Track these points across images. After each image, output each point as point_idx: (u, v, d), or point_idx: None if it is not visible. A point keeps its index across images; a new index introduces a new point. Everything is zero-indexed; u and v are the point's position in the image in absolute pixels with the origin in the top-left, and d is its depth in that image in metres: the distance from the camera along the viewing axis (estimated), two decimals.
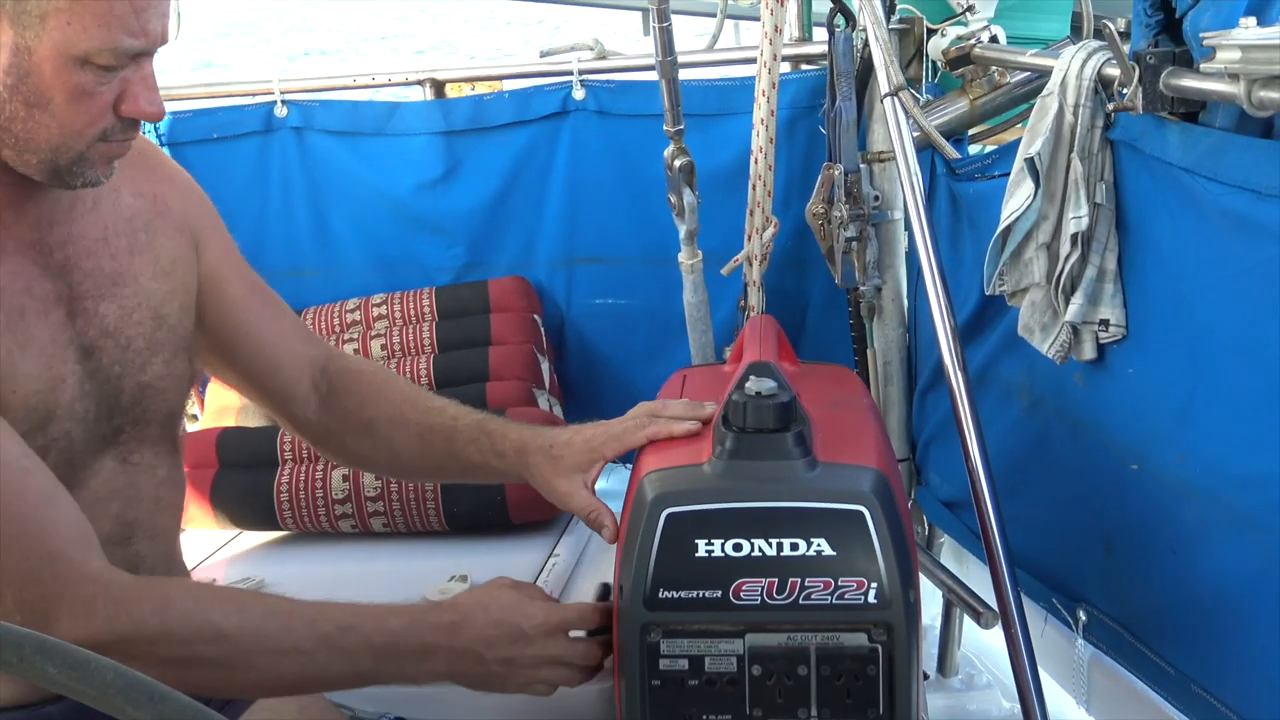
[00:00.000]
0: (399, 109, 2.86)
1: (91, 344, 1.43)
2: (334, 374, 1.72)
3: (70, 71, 1.27)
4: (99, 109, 1.31)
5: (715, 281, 2.50)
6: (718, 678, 1.30)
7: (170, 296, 1.53)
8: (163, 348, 1.51)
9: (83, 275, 1.43)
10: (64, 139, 1.31)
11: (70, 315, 1.42)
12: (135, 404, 1.48)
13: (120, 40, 1.27)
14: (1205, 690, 1.62)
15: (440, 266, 2.92)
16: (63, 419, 1.38)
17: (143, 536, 1.51)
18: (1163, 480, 1.67)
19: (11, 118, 1.29)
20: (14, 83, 1.27)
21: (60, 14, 1.24)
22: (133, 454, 1.49)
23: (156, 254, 1.52)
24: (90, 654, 0.70)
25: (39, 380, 1.36)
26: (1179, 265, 1.61)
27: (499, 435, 1.62)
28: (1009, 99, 2.29)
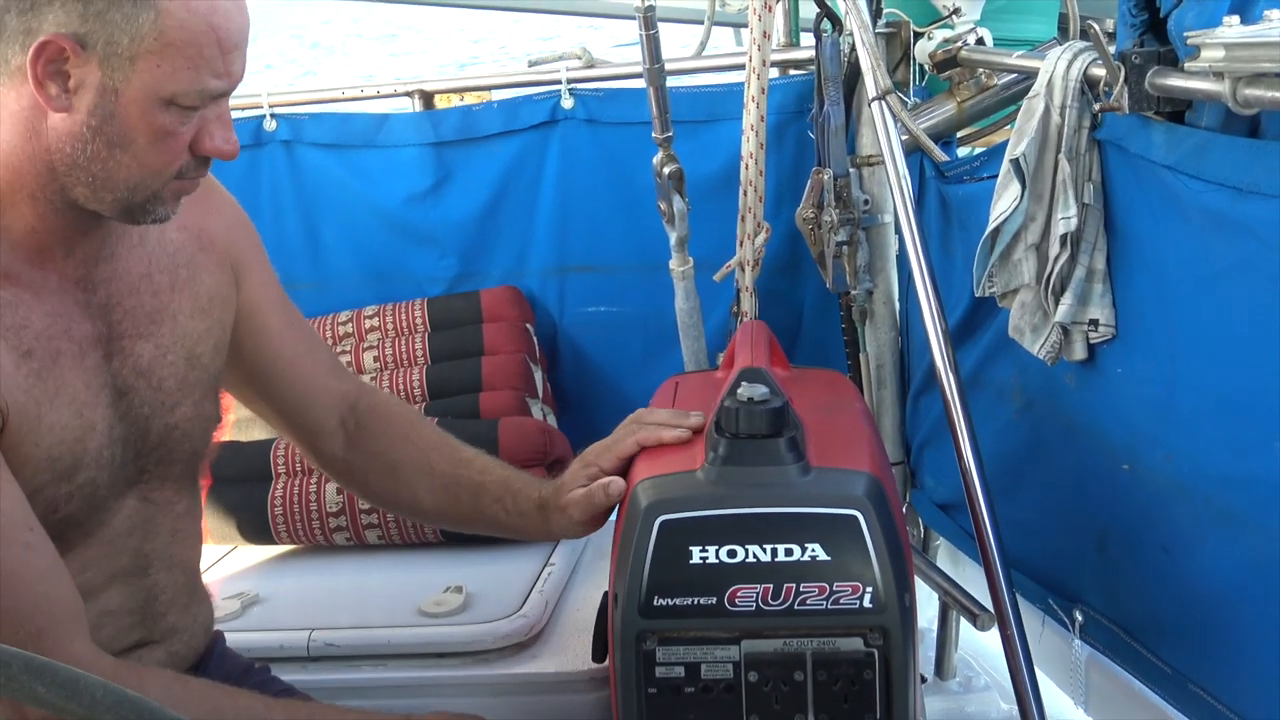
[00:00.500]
0: (388, 120, 2.86)
1: (125, 385, 1.43)
2: (363, 411, 1.73)
3: (156, 113, 1.28)
4: (179, 148, 1.32)
5: (707, 288, 2.50)
6: (714, 685, 1.30)
7: (206, 335, 1.53)
8: (193, 389, 1.51)
9: (123, 314, 1.44)
10: (143, 178, 1.32)
11: (107, 356, 1.42)
12: (161, 445, 1.48)
13: (207, 82, 1.29)
14: (1202, 689, 1.62)
15: (432, 277, 2.92)
16: (89, 466, 1.38)
17: (160, 567, 1.51)
18: (1153, 480, 1.67)
19: (93, 157, 1.29)
20: (98, 124, 1.28)
21: (151, 56, 1.25)
22: (154, 492, 1.49)
23: (196, 291, 1.52)
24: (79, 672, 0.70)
25: (67, 430, 1.36)
26: (1164, 264, 1.61)
27: (523, 495, 1.64)
28: (996, 101, 2.30)
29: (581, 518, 1.56)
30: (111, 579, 1.45)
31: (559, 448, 2.52)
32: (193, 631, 1.59)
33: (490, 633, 2.06)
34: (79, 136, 1.28)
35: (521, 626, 2.07)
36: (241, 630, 2.10)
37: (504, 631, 2.06)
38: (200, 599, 1.63)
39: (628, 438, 1.55)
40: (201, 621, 1.62)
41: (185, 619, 1.57)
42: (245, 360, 1.64)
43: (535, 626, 2.09)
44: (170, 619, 1.53)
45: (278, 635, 2.09)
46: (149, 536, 1.49)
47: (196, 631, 1.60)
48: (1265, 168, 1.38)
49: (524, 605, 2.13)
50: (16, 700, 0.70)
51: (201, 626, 1.62)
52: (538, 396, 2.71)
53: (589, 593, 2.25)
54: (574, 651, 2.04)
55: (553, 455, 2.50)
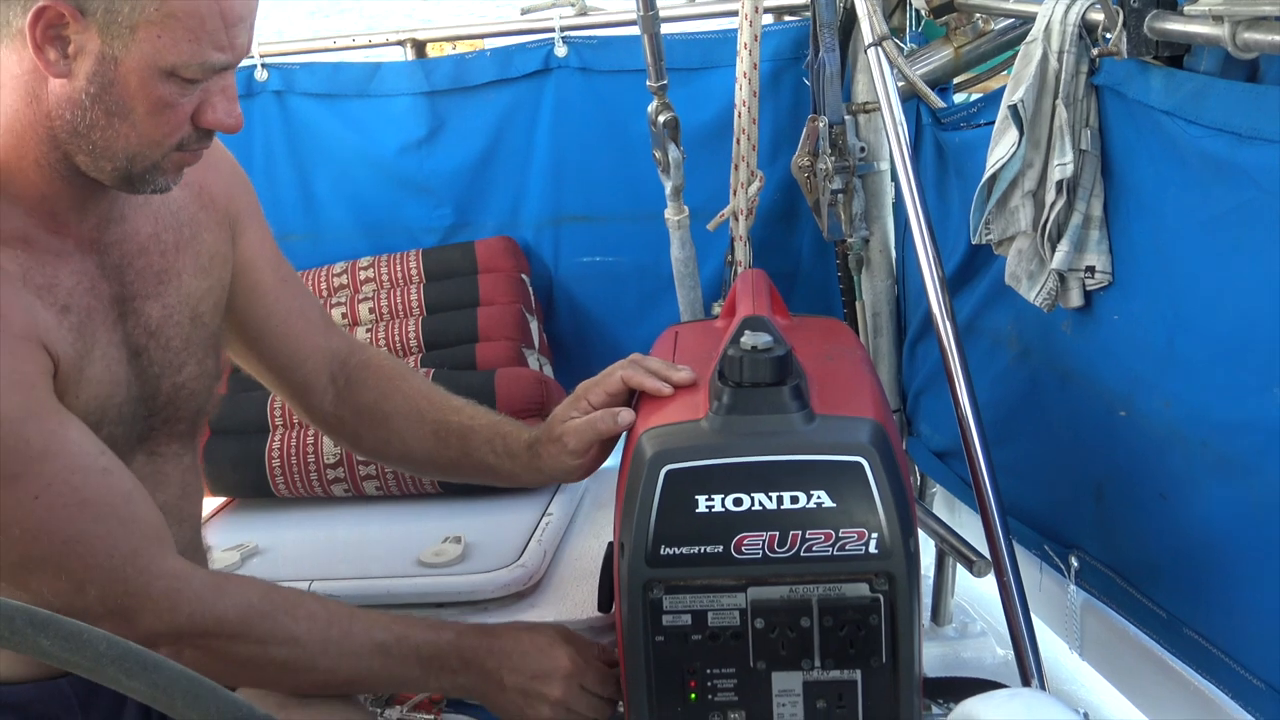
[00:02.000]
0: (380, 69, 2.84)
1: (138, 345, 1.44)
2: (353, 367, 1.74)
3: (155, 83, 1.26)
4: (179, 120, 1.30)
5: (702, 237, 2.50)
6: (721, 632, 1.32)
7: (207, 294, 1.53)
8: (197, 349, 1.52)
9: (135, 275, 1.44)
10: (142, 148, 1.30)
11: (121, 316, 1.42)
12: (169, 404, 1.49)
13: (209, 55, 1.27)
14: (1196, 633, 1.63)
15: (426, 228, 2.91)
16: (112, 421, 1.39)
17: (171, 522, 1.51)
18: (1150, 427, 1.68)
19: (91, 125, 1.28)
20: (97, 91, 1.26)
21: (152, 26, 1.23)
22: (160, 447, 1.50)
23: (198, 250, 1.52)
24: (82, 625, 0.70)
25: (101, 384, 1.37)
26: (1162, 211, 1.61)
27: (512, 436, 1.65)
28: (993, 46, 2.28)
29: (576, 446, 1.57)
30: None
31: (555, 398, 2.52)
32: None
33: (489, 582, 2.06)
34: (78, 103, 1.27)
35: (520, 576, 2.08)
36: None
37: (503, 581, 2.06)
38: (200, 556, 1.64)
39: (613, 373, 1.56)
40: None
41: None
42: (238, 316, 1.65)
43: (534, 576, 2.10)
44: None
45: None
46: (158, 488, 1.49)
47: None
48: (1265, 112, 1.38)
49: (522, 555, 2.14)
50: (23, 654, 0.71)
51: None
52: (534, 347, 2.71)
53: (587, 542, 2.26)
54: (573, 600, 2.06)
55: (549, 405, 2.49)
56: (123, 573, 1.32)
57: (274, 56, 2.85)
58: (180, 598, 1.35)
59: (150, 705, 0.71)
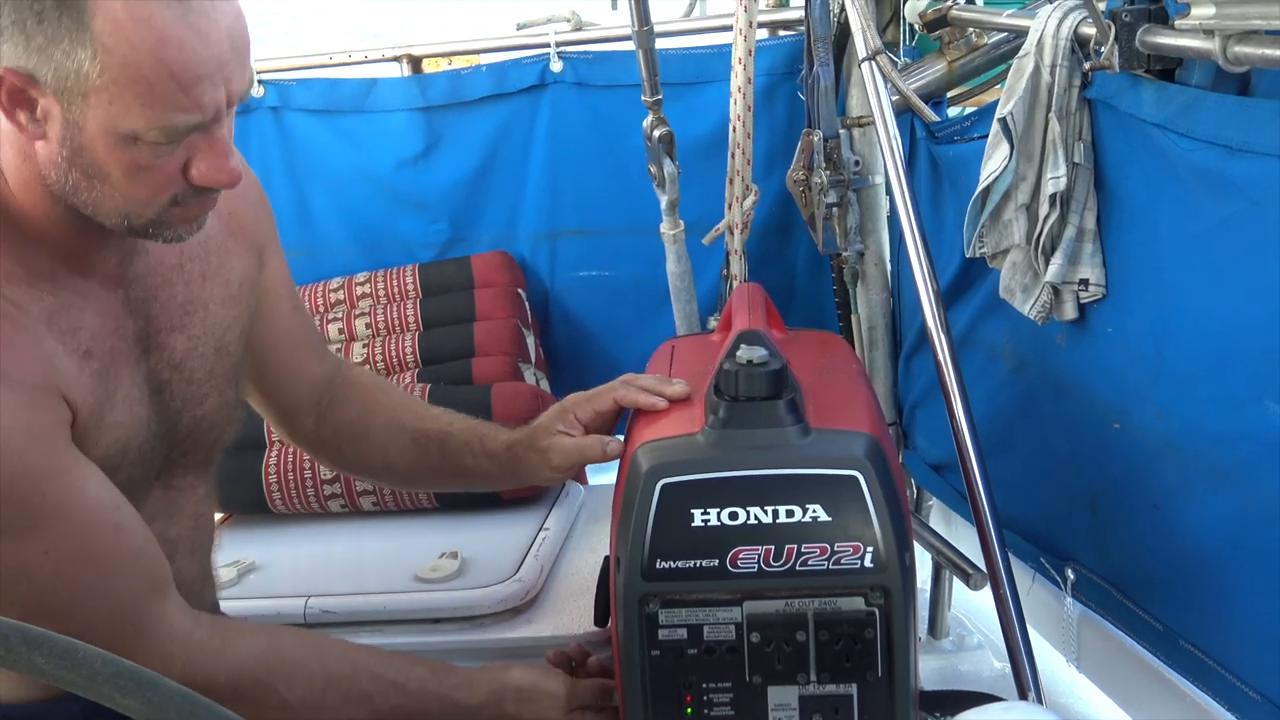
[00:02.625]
0: (376, 85, 2.84)
1: (161, 380, 1.41)
2: (336, 387, 1.73)
3: (122, 149, 1.20)
4: (162, 180, 1.23)
5: (698, 251, 2.50)
6: (717, 646, 1.31)
7: (234, 323, 1.50)
8: (219, 380, 1.49)
9: (159, 308, 1.41)
10: (130, 207, 1.25)
11: (145, 352, 1.40)
12: (188, 437, 1.46)
13: (168, 118, 1.18)
14: (1192, 644, 1.64)
15: (423, 243, 2.91)
16: (132, 463, 1.36)
17: (183, 553, 1.51)
18: (1144, 438, 1.68)
19: (75, 187, 1.23)
20: (70, 155, 1.20)
21: (100, 93, 1.16)
22: (176, 479, 1.48)
23: (227, 279, 1.49)
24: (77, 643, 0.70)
25: (122, 428, 1.34)
26: (1153, 223, 1.62)
27: (490, 438, 1.65)
28: (987, 60, 2.29)
29: (560, 464, 1.57)
30: None
31: None
32: None
33: (486, 597, 2.06)
34: (57, 165, 1.22)
35: (517, 591, 2.07)
36: (238, 598, 2.11)
37: (500, 596, 2.06)
38: (210, 584, 1.63)
39: (607, 393, 1.56)
40: (208, 605, 1.62)
41: (196, 603, 1.54)
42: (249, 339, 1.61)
43: (531, 591, 2.09)
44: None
45: (274, 603, 2.10)
46: (173, 522, 1.48)
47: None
48: (1255, 125, 1.39)
49: (519, 570, 2.13)
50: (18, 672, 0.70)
51: (207, 609, 1.61)
52: (530, 361, 2.71)
53: (584, 557, 2.26)
54: (570, 615, 2.05)
55: None
56: (121, 629, 1.30)
57: (270, 73, 2.85)
58: (173, 661, 1.32)
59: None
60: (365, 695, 1.44)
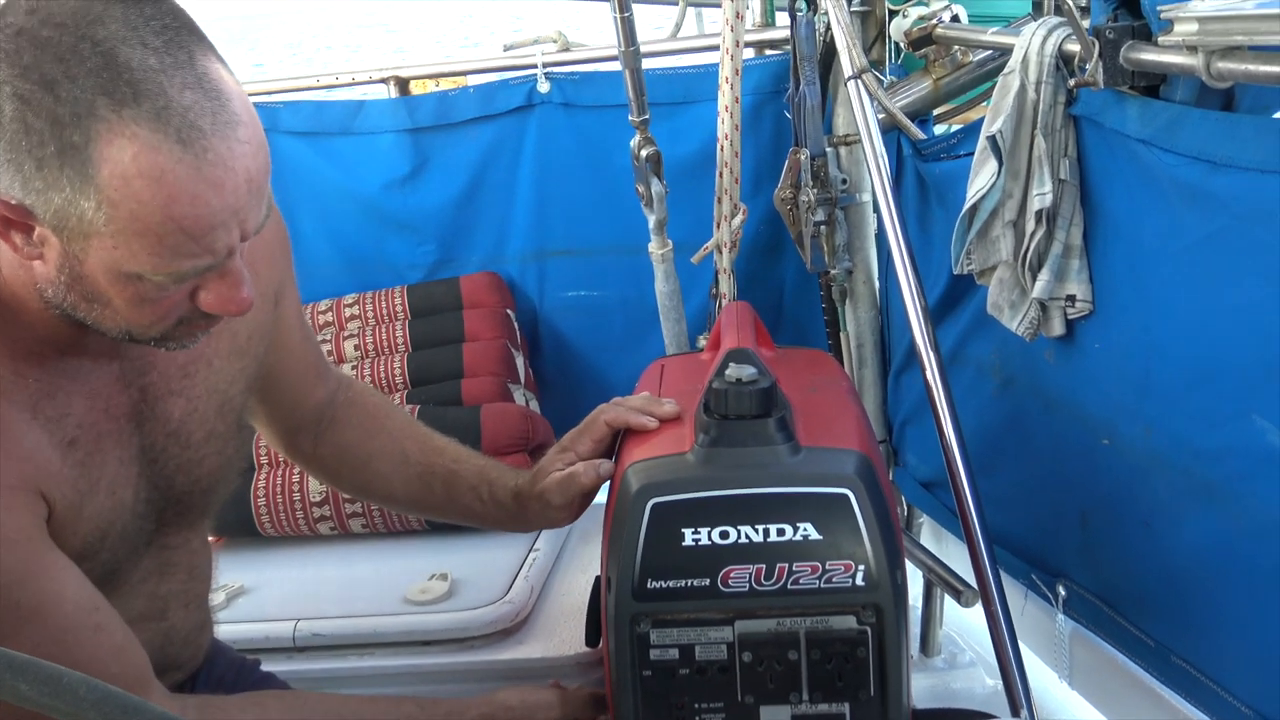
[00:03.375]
0: (364, 107, 2.84)
1: (155, 450, 1.36)
2: (338, 406, 1.71)
3: (125, 284, 1.13)
4: (168, 307, 1.18)
5: (686, 270, 2.51)
6: (709, 666, 1.31)
7: (239, 375, 1.45)
8: (218, 439, 1.43)
9: (157, 375, 1.35)
10: (132, 328, 1.19)
11: (139, 424, 1.34)
12: (183, 501, 1.42)
13: (177, 265, 1.11)
14: (1185, 660, 1.64)
15: (411, 264, 2.91)
16: (113, 545, 1.32)
17: (177, 608, 1.48)
18: (1132, 454, 1.69)
19: (74, 306, 1.17)
20: (69, 280, 1.14)
21: (104, 238, 1.08)
22: (169, 539, 1.44)
23: (235, 332, 1.42)
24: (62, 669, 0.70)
25: (102, 516, 1.29)
26: (1139, 239, 1.62)
27: (499, 484, 1.62)
28: (972, 78, 2.30)
29: (559, 501, 1.56)
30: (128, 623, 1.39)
31: (541, 433, 2.52)
32: (196, 662, 1.57)
33: (476, 619, 2.06)
34: (55, 285, 1.16)
35: (507, 612, 2.07)
36: (228, 622, 2.09)
37: (490, 618, 2.06)
38: (207, 627, 1.60)
39: (598, 418, 1.55)
40: (205, 647, 1.60)
41: (191, 650, 1.55)
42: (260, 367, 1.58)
43: (521, 612, 2.09)
44: (182, 655, 1.52)
45: (264, 626, 2.09)
46: (165, 578, 1.45)
47: (198, 657, 1.58)
48: (1238, 141, 1.39)
49: (509, 591, 2.13)
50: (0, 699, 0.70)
51: (204, 651, 1.60)
52: (519, 382, 2.71)
53: (574, 578, 2.26)
54: (560, 637, 2.05)
55: (535, 440, 2.50)
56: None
57: (257, 95, 2.85)
58: None
59: None
60: None
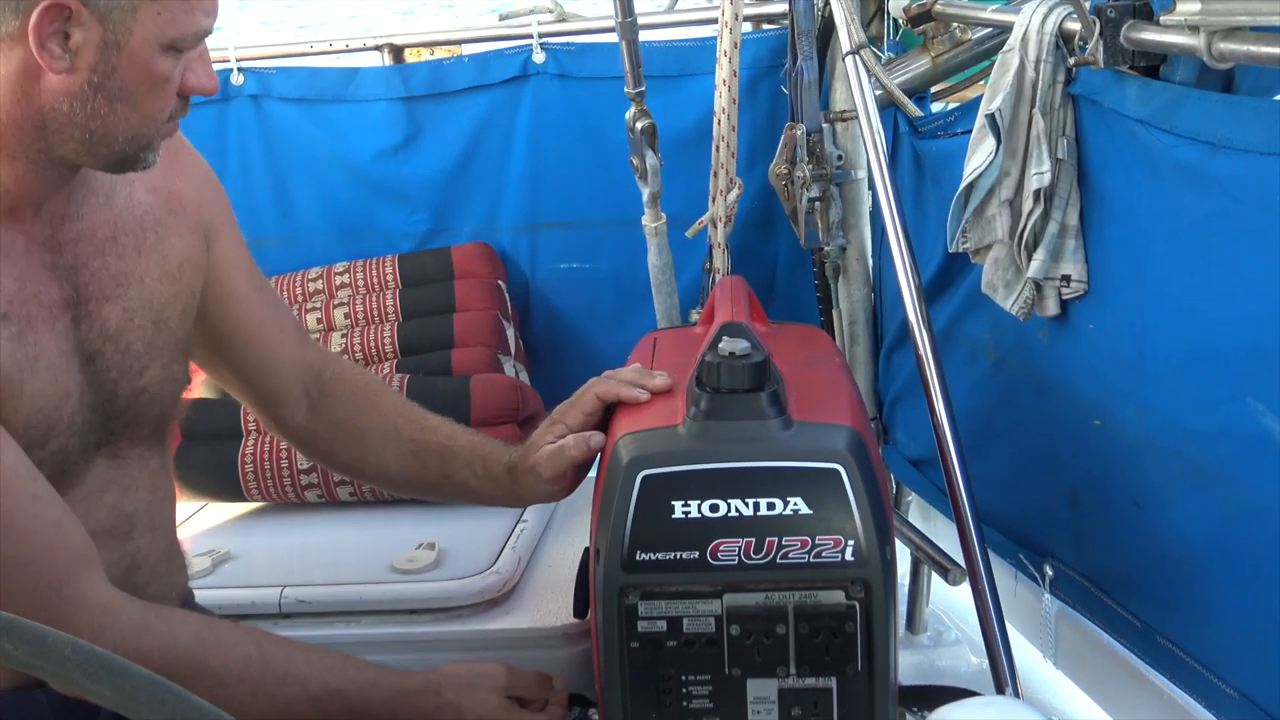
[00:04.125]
0: (358, 75, 2.82)
1: (93, 350, 1.42)
2: (327, 380, 1.72)
3: (156, 60, 1.29)
4: (170, 93, 1.33)
5: (680, 244, 2.50)
6: (696, 638, 1.31)
7: (174, 300, 1.51)
8: (160, 351, 1.49)
9: (90, 276, 1.42)
10: (141, 127, 1.33)
11: (75, 320, 1.40)
12: (129, 408, 1.46)
13: (200, 22, 1.31)
14: (1170, 641, 1.64)
15: (403, 233, 2.90)
16: (62, 433, 1.37)
17: (143, 530, 1.50)
18: (1124, 435, 1.69)
19: (92, 114, 1.29)
20: (100, 80, 1.28)
21: (150, 5, 1.26)
22: (123, 450, 1.48)
23: (164, 255, 1.50)
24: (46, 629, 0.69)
25: (45, 397, 1.34)
26: (1133, 220, 1.62)
27: (492, 459, 1.63)
28: (971, 55, 2.29)
29: (550, 474, 1.55)
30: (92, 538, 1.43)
31: (531, 404, 2.52)
32: (170, 601, 1.57)
33: (463, 589, 2.05)
34: (78, 95, 1.28)
35: (494, 583, 2.07)
36: (213, 588, 2.09)
37: (477, 588, 2.05)
38: (179, 566, 1.62)
39: (588, 392, 1.55)
40: (179, 589, 1.61)
41: (164, 587, 1.55)
42: (210, 325, 1.62)
43: (508, 583, 2.09)
44: (151, 590, 1.51)
45: (250, 592, 2.09)
46: (127, 493, 1.48)
47: (174, 600, 1.58)
48: (1238, 123, 1.39)
49: (497, 561, 2.12)
50: None
51: (178, 594, 1.61)
52: (510, 353, 2.70)
53: (562, 549, 2.25)
54: (547, 607, 2.05)
55: (525, 412, 2.49)
56: (47, 601, 1.29)
57: (250, 60, 2.83)
58: (104, 633, 1.31)
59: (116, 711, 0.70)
60: (302, 678, 1.43)
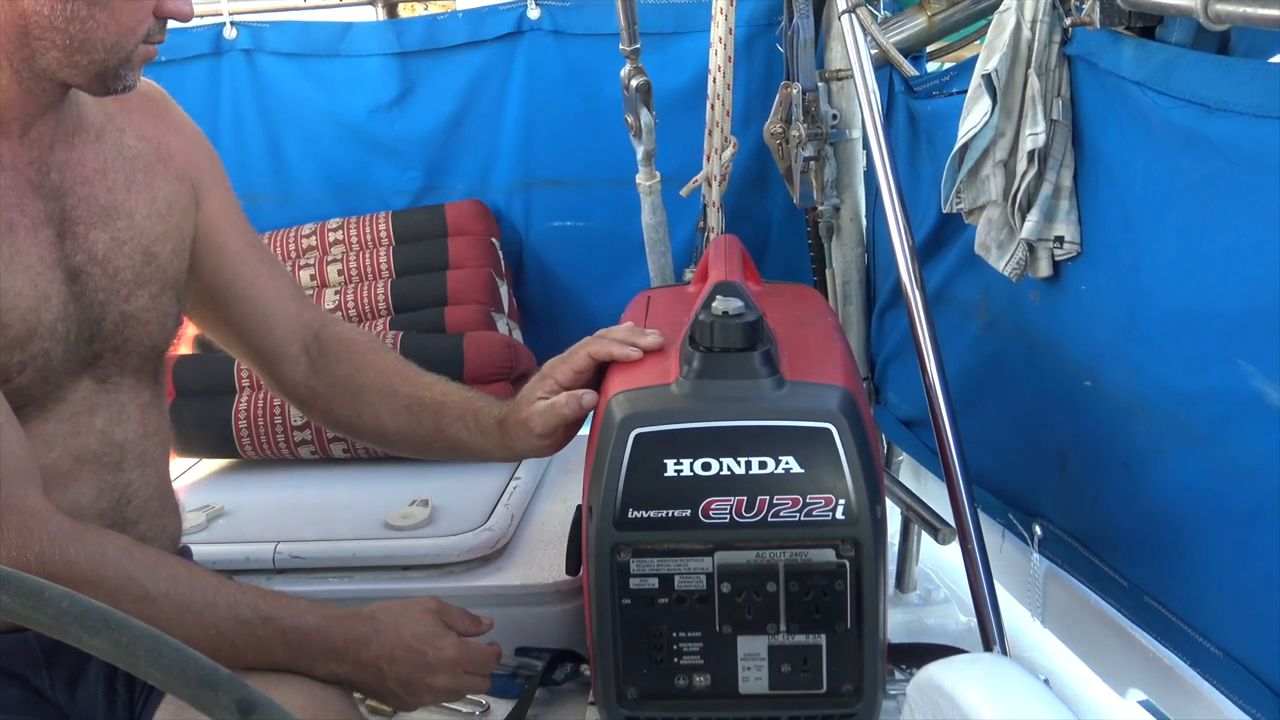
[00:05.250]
0: (351, 29, 2.81)
1: (78, 268, 1.44)
2: (326, 339, 1.73)
3: None
4: (149, 6, 1.37)
5: (674, 203, 2.49)
6: (687, 595, 1.32)
7: (164, 237, 1.53)
8: (150, 281, 1.51)
9: (77, 200, 1.45)
10: (119, 37, 1.35)
11: (59, 236, 1.43)
12: (117, 332, 1.48)
13: None
14: (1157, 601, 1.65)
15: (396, 190, 2.89)
16: (43, 337, 1.39)
17: (133, 463, 1.51)
18: (1114, 397, 1.69)
19: (71, 18, 1.32)
20: None
21: None
22: (112, 376, 1.49)
23: (154, 195, 1.53)
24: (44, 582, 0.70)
25: (23, 297, 1.37)
26: (1128, 181, 1.61)
27: (484, 413, 1.64)
28: (967, 15, 2.28)
29: (542, 430, 1.56)
30: (80, 463, 1.45)
31: (524, 362, 2.52)
32: (162, 543, 1.57)
33: (456, 545, 2.07)
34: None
35: (487, 540, 2.08)
36: (207, 543, 2.11)
37: (469, 545, 2.07)
38: (171, 509, 1.62)
39: (581, 349, 1.56)
40: (170, 533, 1.62)
41: (156, 528, 1.56)
42: (205, 280, 1.63)
43: (501, 540, 2.10)
44: (142, 527, 1.53)
45: (243, 548, 2.10)
46: (117, 421, 1.49)
47: (165, 544, 1.59)
48: (1234, 84, 1.38)
49: (489, 519, 2.14)
50: None
51: (170, 539, 1.61)
52: (503, 311, 2.70)
53: (554, 507, 2.27)
54: (540, 564, 2.06)
55: (518, 370, 2.50)
56: None
57: (243, 14, 2.82)
58: (31, 536, 1.31)
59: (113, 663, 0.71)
60: (231, 601, 1.41)
